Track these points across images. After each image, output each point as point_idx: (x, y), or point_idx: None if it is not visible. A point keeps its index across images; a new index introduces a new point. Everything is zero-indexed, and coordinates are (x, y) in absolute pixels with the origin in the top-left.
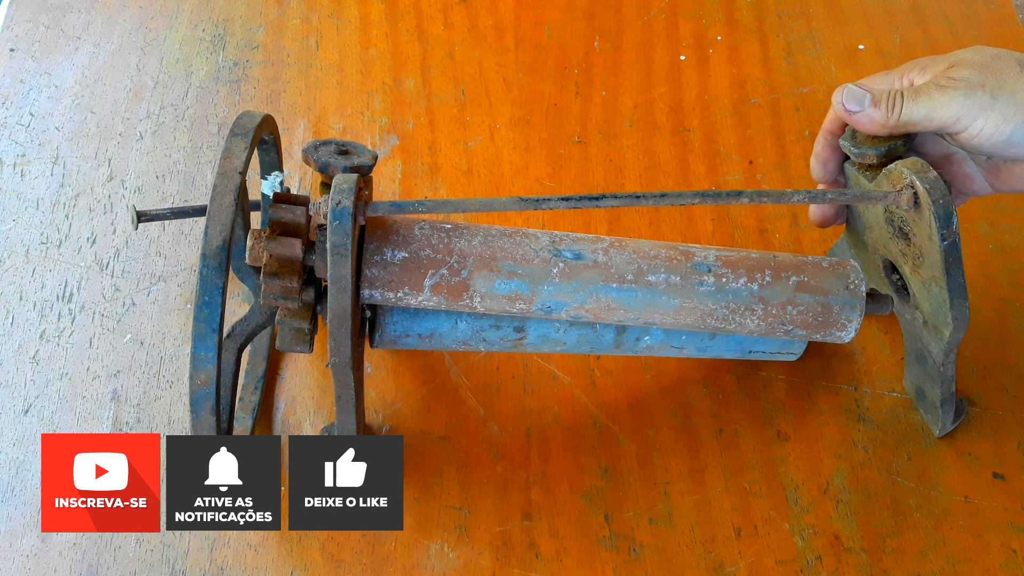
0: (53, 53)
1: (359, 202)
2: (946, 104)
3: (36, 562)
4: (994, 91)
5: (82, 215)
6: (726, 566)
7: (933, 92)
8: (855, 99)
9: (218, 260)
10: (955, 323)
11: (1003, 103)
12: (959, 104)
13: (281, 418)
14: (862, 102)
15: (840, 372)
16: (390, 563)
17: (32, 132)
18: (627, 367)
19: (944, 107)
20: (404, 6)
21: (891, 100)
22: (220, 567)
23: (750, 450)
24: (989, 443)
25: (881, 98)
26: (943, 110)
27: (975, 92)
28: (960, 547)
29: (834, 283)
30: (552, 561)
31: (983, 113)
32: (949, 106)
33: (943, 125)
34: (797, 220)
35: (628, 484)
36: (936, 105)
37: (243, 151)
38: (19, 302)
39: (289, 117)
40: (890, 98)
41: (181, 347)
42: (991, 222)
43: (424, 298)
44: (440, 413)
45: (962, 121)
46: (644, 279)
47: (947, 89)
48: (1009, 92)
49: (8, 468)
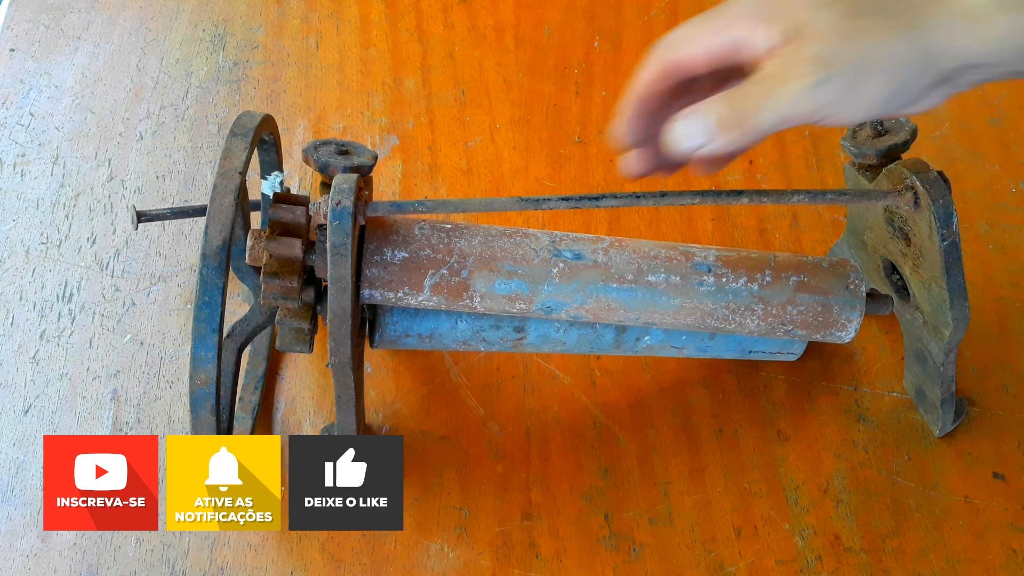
0: (53, 53)
1: (359, 202)
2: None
3: (36, 562)
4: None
5: (82, 215)
6: (726, 566)
7: (785, 85)
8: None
9: (218, 260)
10: (955, 323)
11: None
12: (821, 94)
13: (281, 418)
14: (707, 133)
15: (840, 372)
16: (390, 563)
17: (32, 132)
18: (627, 367)
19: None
20: (404, 6)
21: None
22: (220, 567)
23: (750, 450)
24: (989, 443)
25: (728, 118)
26: (804, 104)
27: (835, 75)
28: (960, 547)
29: (834, 283)
30: (552, 561)
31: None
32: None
33: (806, 119)
34: (797, 220)
35: (628, 484)
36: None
37: (243, 151)
38: (19, 302)
39: (289, 117)
40: (736, 111)
41: (181, 347)
42: (991, 222)
43: (424, 298)
44: (440, 413)
45: (829, 110)
46: (644, 279)
47: (802, 78)
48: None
49: (8, 468)
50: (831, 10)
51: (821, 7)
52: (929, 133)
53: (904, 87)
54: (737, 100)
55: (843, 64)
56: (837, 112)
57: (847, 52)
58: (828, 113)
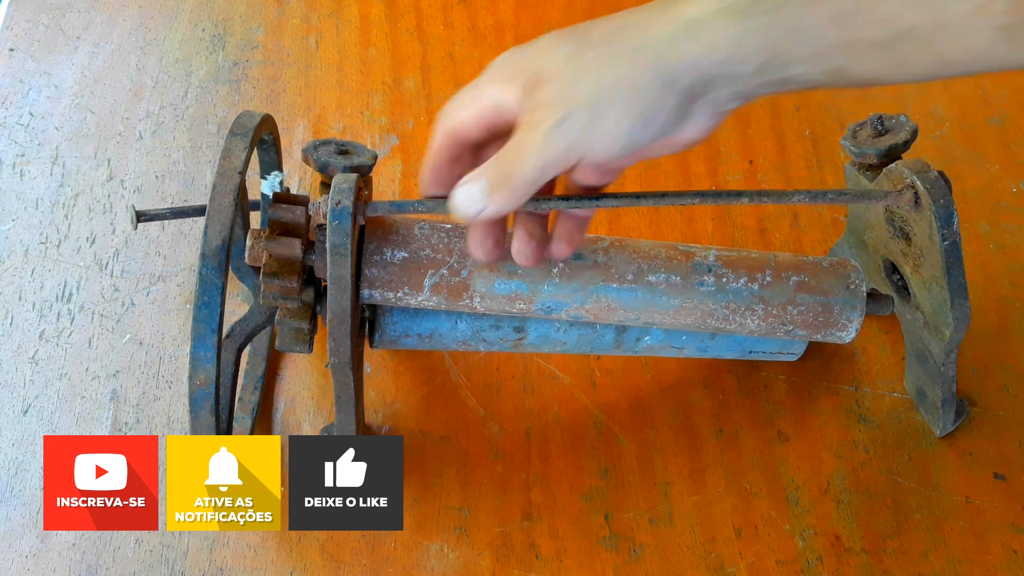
0: (53, 53)
1: (359, 202)
2: (549, 144)
3: (35, 562)
4: (589, 98)
5: (82, 215)
6: (726, 567)
7: (530, 137)
8: (472, 201)
9: (218, 260)
10: (956, 323)
11: (606, 106)
12: (562, 137)
13: (281, 418)
14: (481, 198)
15: (841, 372)
16: (390, 563)
17: (32, 132)
18: (627, 367)
19: (550, 148)
20: (404, 6)
21: (503, 174)
22: (220, 567)
23: (750, 450)
24: (990, 443)
25: (495, 180)
26: (551, 151)
27: (570, 114)
28: (961, 548)
29: (834, 283)
30: (552, 561)
31: (591, 130)
32: (553, 145)
33: (563, 166)
34: (797, 220)
35: (628, 484)
36: (541, 149)
37: (243, 151)
38: (18, 302)
39: (289, 117)
40: (499, 172)
41: (181, 347)
42: (991, 222)
43: (424, 298)
44: (440, 413)
45: (578, 150)
46: (644, 279)
47: (540, 125)
48: (605, 89)
49: (8, 468)
50: (560, 51)
51: (551, 51)
52: (929, 133)
53: (649, 112)
54: (500, 161)
55: (577, 100)
56: (589, 149)
57: (578, 88)
58: (581, 151)
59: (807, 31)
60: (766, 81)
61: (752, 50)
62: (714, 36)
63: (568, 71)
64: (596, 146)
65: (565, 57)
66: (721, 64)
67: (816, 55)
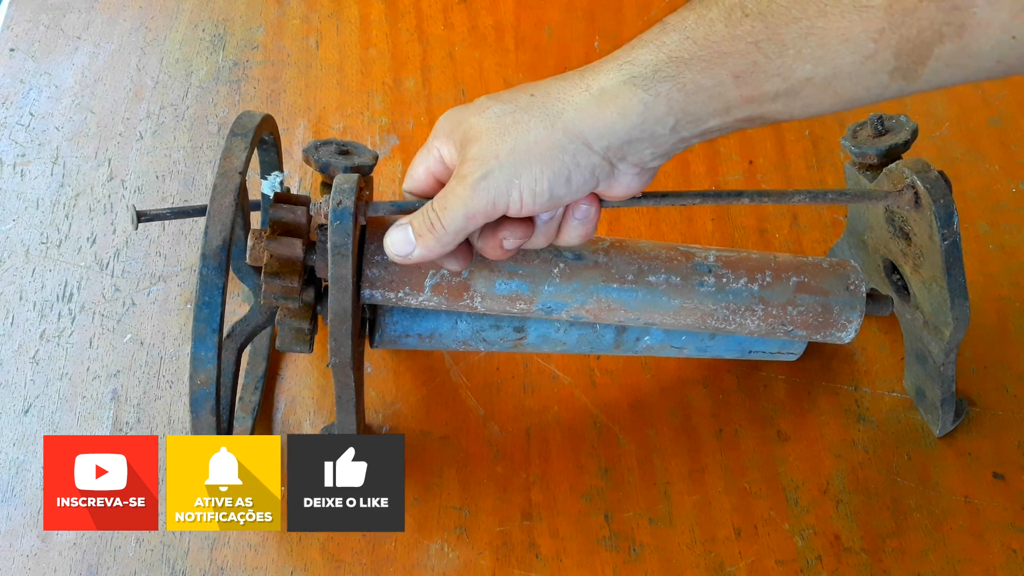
0: (53, 53)
1: (360, 202)
2: (473, 196)
3: (36, 562)
4: (510, 157)
5: (82, 215)
6: (726, 566)
7: (456, 189)
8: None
9: (218, 260)
10: (955, 323)
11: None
12: (484, 189)
13: (281, 418)
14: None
15: (840, 372)
16: (390, 563)
17: (32, 132)
18: (627, 367)
19: (473, 200)
20: (404, 6)
21: (429, 221)
22: (220, 567)
23: (750, 450)
24: (989, 443)
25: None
26: (474, 203)
27: (492, 170)
28: (960, 547)
29: (834, 284)
30: (552, 561)
31: (512, 185)
32: (477, 197)
33: (487, 216)
34: (797, 220)
35: (628, 484)
36: (465, 201)
37: (243, 151)
38: (19, 302)
39: (289, 117)
40: (426, 219)
41: (181, 347)
42: (991, 222)
43: (424, 298)
44: (440, 413)
45: (500, 202)
46: (644, 279)
47: (466, 179)
48: (525, 149)
49: (8, 468)
50: (490, 111)
51: (482, 112)
52: (929, 133)
53: (565, 172)
54: (428, 209)
55: (498, 158)
56: (511, 202)
57: (500, 146)
58: (504, 204)
59: (710, 91)
60: (683, 138)
61: (661, 113)
62: (623, 104)
63: (493, 130)
64: (519, 200)
65: (492, 117)
66: (634, 128)
67: (724, 110)
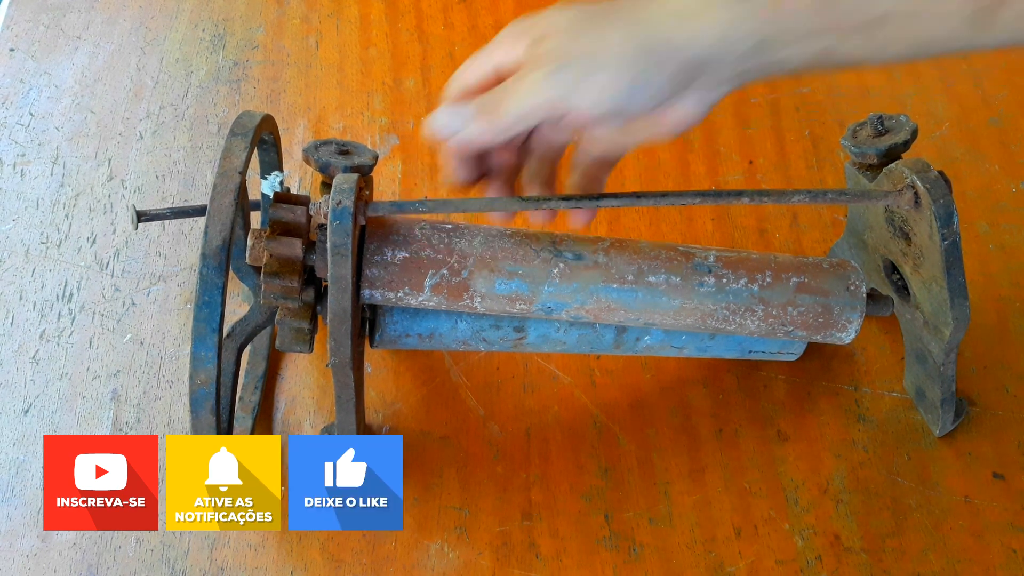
0: (53, 53)
1: (360, 202)
2: (544, 85)
3: (36, 562)
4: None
5: (82, 215)
6: (726, 566)
7: (528, 76)
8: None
9: (218, 260)
10: (955, 323)
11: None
12: (558, 81)
13: (281, 418)
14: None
15: (840, 372)
16: (390, 563)
17: (32, 132)
18: (627, 367)
19: (543, 89)
20: (404, 6)
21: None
22: (220, 567)
23: (750, 450)
24: (989, 443)
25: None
26: (544, 92)
27: (570, 64)
28: (960, 547)
29: (834, 284)
30: (552, 561)
31: (583, 84)
32: (548, 86)
33: (550, 109)
34: (797, 220)
35: (628, 484)
36: (535, 89)
37: (243, 151)
38: (19, 302)
39: (289, 117)
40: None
41: (181, 347)
42: (991, 222)
43: (424, 298)
44: (440, 413)
45: (569, 98)
46: (644, 280)
47: (540, 69)
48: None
49: (8, 468)
50: (565, 15)
51: (556, 16)
52: (929, 133)
53: (640, 81)
54: (492, 94)
55: (573, 55)
56: (578, 100)
57: (577, 45)
58: (570, 101)
59: (794, 15)
60: (756, 64)
61: (743, 33)
62: (705, 20)
63: (570, 31)
64: (585, 100)
65: (568, 20)
66: (712, 46)
67: (803, 37)
